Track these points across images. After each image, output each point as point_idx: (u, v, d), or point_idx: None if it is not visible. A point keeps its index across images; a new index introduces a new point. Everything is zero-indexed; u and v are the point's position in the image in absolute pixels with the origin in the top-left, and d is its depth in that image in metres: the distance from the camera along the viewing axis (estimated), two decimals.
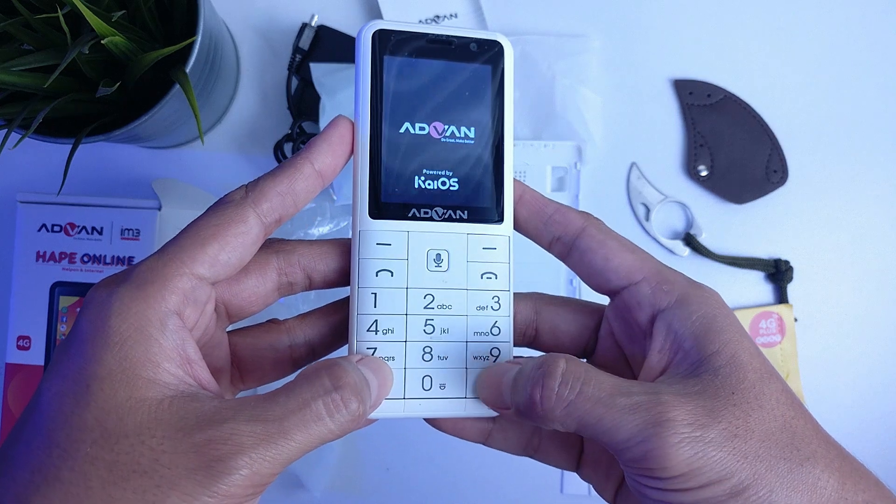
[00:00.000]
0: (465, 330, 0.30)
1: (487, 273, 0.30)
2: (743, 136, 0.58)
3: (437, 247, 0.30)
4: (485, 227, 0.30)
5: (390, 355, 0.29)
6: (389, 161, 0.29)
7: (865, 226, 0.59)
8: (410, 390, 0.29)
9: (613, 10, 0.59)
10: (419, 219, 0.29)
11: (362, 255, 0.29)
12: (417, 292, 0.29)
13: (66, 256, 0.51)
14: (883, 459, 0.58)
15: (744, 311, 0.57)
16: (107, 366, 0.22)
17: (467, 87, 0.31)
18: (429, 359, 0.29)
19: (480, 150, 0.31)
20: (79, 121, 0.45)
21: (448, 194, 0.30)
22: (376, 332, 0.29)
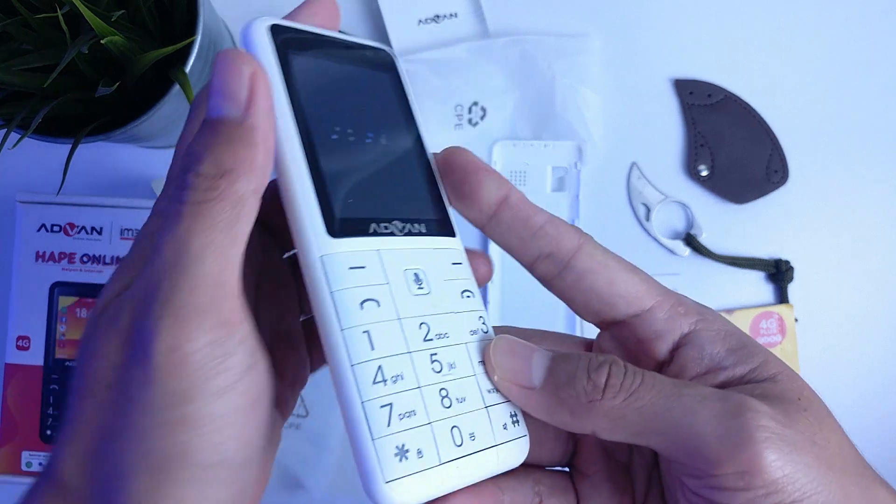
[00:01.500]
0: (469, 360, 0.24)
1: (466, 291, 0.26)
2: (743, 136, 0.58)
3: (412, 266, 0.25)
4: (445, 240, 0.26)
5: (410, 409, 0.22)
6: (331, 169, 0.24)
7: (866, 226, 0.59)
8: (444, 450, 0.22)
9: (614, 9, 0.59)
10: (382, 234, 0.24)
11: (336, 286, 0.22)
12: (411, 322, 0.23)
13: (66, 256, 0.51)
14: (883, 460, 0.57)
15: (744, 311, 0.57)
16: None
17: (377, 93, 0.27)
18: (448, 404, 0.23)
19: (414, 159, 0.27)
20: (78, 121, 0.45)
21: (399, 205, 0.25)
22: (384, 381, 0.22)
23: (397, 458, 0.22)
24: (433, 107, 0.57)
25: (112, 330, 0.22)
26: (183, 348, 0.20)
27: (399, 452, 0.22)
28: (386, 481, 0.21)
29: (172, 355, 0.20)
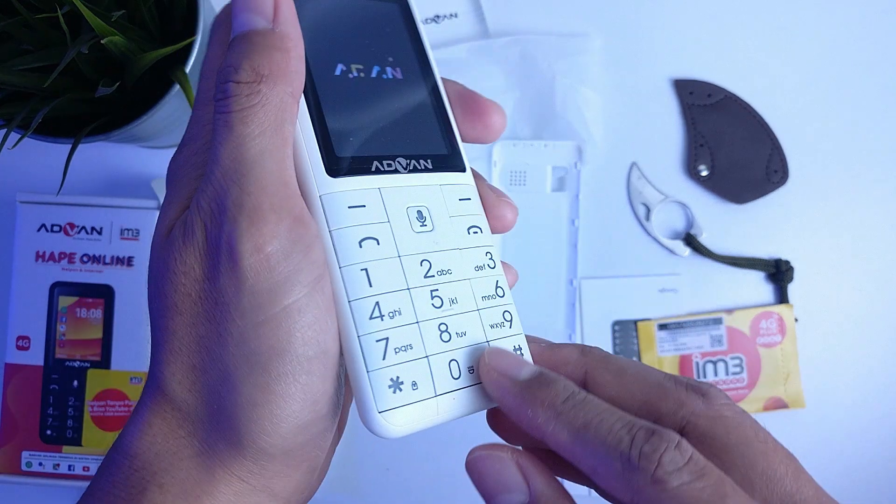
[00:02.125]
0: (472, 296, 0.25)
1: (473, 227, 0.26)
2: (743, 135, 0.58)
3: (414, 203, 0.25)
4: (453, 175, 0.26)
5: (406, 343, 0.23)
6: (333, 107, 0.24)
7: (866, 226, 0.59)
8: (440, 383, 0.23)
9: (614, 9, 0.59)
10: (384, 172, 0.24)
11: (334, 225, 0.23)
12: (412, 260, 0.24)
13: (66, 256, 0.51)
14: (883, 460, 0.58)
15: (744, 311, 0.57)
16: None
17: (384, 24, 0.27)
18: (448, 338, 0.24)
19: (421, 92, 0.26)
20: (78, 121, 0.45)
21: (405, 141, 0.25)
22: (381, 317, 0.23)
23: (391, 389, 0.22)
24: None
25: (188, 246, 0.22)
26: (267, 247, 0.21)
27: (393, 384, 0.23)
28: (379, 411, 0.22)
29: (259, 255, 0.21)
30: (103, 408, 0.51)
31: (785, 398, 0.57)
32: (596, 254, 0.58)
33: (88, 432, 0.50)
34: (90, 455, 0.51)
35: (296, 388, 0.22)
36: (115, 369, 0.51)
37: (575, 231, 0.57)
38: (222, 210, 0.22)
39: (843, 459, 0.57)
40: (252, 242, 0.21)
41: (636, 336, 0.57)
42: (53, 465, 0.50)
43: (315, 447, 0.24)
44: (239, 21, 0.23)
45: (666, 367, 0.57)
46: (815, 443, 0.57)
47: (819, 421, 0.57)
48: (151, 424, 0.23)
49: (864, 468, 0.57)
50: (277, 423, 0.22)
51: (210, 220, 0.22)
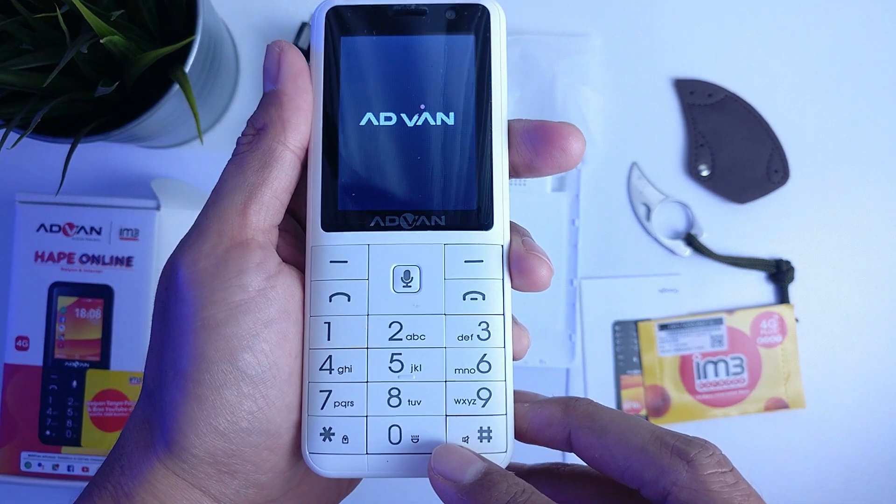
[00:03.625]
0: (442, 366, 0.24)
1: (472, 293, 0.24)
2: (744, 135, 0.58)
3: (405, 262, 0.24)
4: (468, 234, 0.25)
5: (348, 400, 0.24)
6: (348, 160, 0.25)
7: (867, 226, 0.59)
8: (373, 444, 0.24)
9: (614, 9, 0.59)
10: (384, 228, 0.24)
11: (314, 277, 0.24)
12: (380, 320, 0.24)
13: (65, 256, 0.51)
14: (884, 460, 0.57)
15: (745, 311, 0.57)
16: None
17: (444, 63, 0.25)
18: (396, 403, 0.24)
19: (462, 139, 0.25)
20: (77, 120, 0.45)
21: (421, 196, 0.25)
22: (330, 370, 0.24)
23: (322, 437, 0.24)
24: None
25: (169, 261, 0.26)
26: (199, 262, 0.24)
27: (325, 434, 0.24)
28: (309, 452, 0.24)
29: (192, 268, 0.24)
30: (102, 408, 0.51)
31: (786, 398, 0.57)
32: (596, 254, 0.58)
33: (88, 433, 0.50)
34: (89, 455, 0.50)
35: (215, 398, 0.23)
36: (115, 369, 0.50)
37: (575, 231, 0.57)
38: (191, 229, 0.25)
39: (844, 460, 0.57)
40: (188, 257, 0.24)
41: (637, 336, 0.57)
42: (53, 465, 0.50)
43: (246, 461, 0.24)
44: (263, 87, 0.26)
45: (666, 367, 0.57)
46: (815, 443, 0.57)
47: (820, 421, 0.57)
48: (135, 415, 0.26)
49: (865, 468, 0.57)
50: (196, 426, 0.23)
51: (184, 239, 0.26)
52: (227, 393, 0.23)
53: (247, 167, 0.25)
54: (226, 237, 0.24)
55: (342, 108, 0.25)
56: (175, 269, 0.24)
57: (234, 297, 0.24)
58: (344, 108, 0.25)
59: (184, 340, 0.24)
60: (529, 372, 0.57)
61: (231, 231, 0.24)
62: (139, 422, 0.25)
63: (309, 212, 0.25)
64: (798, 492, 0.56)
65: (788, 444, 0.57)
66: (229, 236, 0.24)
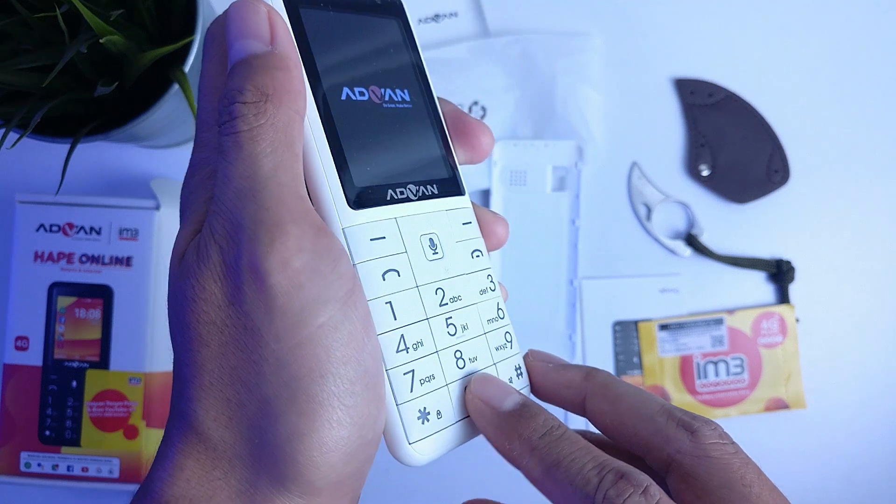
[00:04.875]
0: (479, 320, 0.26)
1: (476, 251, 0.26)
2: (744, 135, 0.58)
3: (426, 231, 0.25)
4: (456, 200, 0.26)
5: (430, 374, 0.24)
6: (346, 135, 0.23)
7: (867, 226, 0.58)
8: (459, 409, 0.24)
9: (615, 8, 0.59)
10: (398, 201, 0.24)
11: (358, 258, 0.23)
12: (428, 289, 0.24)
13: (65, 256, 0.51)
14: (884, 460, 0.57)
15: (745, 311, 0.57)
16: None
17: (385, 42, 0.26)
18: (462, 365, 0.25)
19: (422, 115, 0.26)
20: (77, 120, 0.45)
21: (413, 167, 0.25)
22: (406, 349, 0.23)
23: (420, 420, 0.23)
24: None
25: (204, 270, 0.21)
26: (294, 262, 0.20)
27: (421, 415, 0.23)
28: (410, 442, 0.23)
29: (286, 271, 0.20)
30: (102, 408, 0.50)
31: (786, 399, 0.57)
32: (596, 254, 0.58)
33: (87, 433, 0.50)
34: (89, 456, 0.50)
35: (343, 413, 0.21)
36: (114, 370, 0.50)
37: (575, 231, 0.57)
38: (238, 229, 0.21)
39: (845, 460, 0.57)
40: (277, 258, 0.20)
41: (637, 336, 0.57)
42: (52, 465, 0.50)
43: (361, 476, 0.23)
44: (236, 48, 0.23)
45: (667, 367, 0.57)
46: (816, 443, 0.57)
47: (820, 421, 0.57)
48: (183, 468, 0.21)
49: (865, 468, 0.57)
50: (327, 453, 0.21)
51: (226, 241, 0.21)
52: (352, 404, 0.21)
53: (275, 143, 0.21)
54: (304, 225, 0.21)
55: (323, 81, 0.23)
56: (260, 278, 0.20)
57: (340, 292, 0.21)
58: (324, 81, 0.24)
59: (287, 360, 0.20)
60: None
61: (300, 217, 0.21)
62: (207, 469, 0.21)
63: (322, 191, 0.23)
64: (798, 492, 0.56)
65: (789, 444, 0.57)
66: (306, 223, 0.21)
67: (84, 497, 0.54)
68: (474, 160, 0.28)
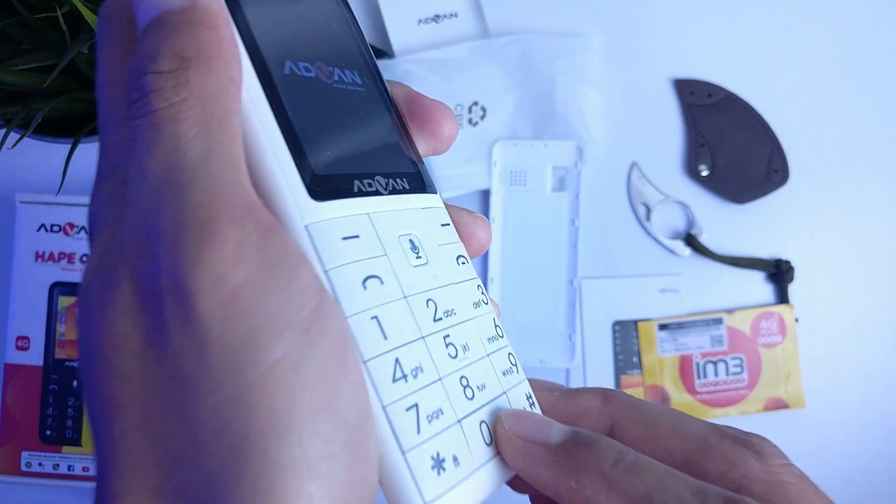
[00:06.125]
0: (479, 339, 0.21)
1: (460, 257, 0.22)
2: (744, 135, 0.58)
3: (404, 231, 0.20)
4: (429, 198, 0.22)
5: (436, 408, 0.18)
6: (297, 113, 0.18)
7: (867, 226, 0.59)
8: (479, 452, 0.19)
9: (614, 8, 0.59)
10: (367, 194, 0.19)
11: (330, 263, 0.17)
12: (418, 301, 0.19)
13: (66, 256, 0.51)
14: (884, 460, 0.57)
15: (745, 311, 0.57)
16: None
17: (328, 19, 0.22)
18: (471, 395, 0.19)
19: (376, 100, 0.22)
20: (78, 120, 0.45)
21: (376, 158, 0.20)
22: (405, 377, 0.18)
23: (435, 471, 0.18)
24: None
25: (112, 305, 0.16)
26: (231, 276, 0.15)
27: (436, 464, 0.18)
28: (426, 502, 0.17)
29: (221, 291, 0.15)
30: None
31: (785, 398, 0.57)
32: (596, 254, 0.58)
33: (88, 433, 0.50)
34: (90, 455, 0.50)
35: (317, 486, 0.15)
36: None
37: (575, 231, 0.57)
38: (155, 239, 0.15)
39: (844, 460, 0.57)
40: (208, 274, 0.15)
41: (636, 336, 0.57)
42: (53, 465, 0.50)
43: None
44: (145, 7, 0.17)
45: (666, 367, 0.57)
46: (815, 443, 0.57)
47: (820, 421, 0.57)
48: None
49: (865, 468, 0.57)
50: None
51: (139, 257, 0.16)
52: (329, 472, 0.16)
53: (204, 120, 0.16)
54: (246, 225, 0.16)
55: (261, 50, 0.19)
56: (186, 302, 0.15)
57: (301, 313, 0.16)
58: (262, 49, 0.19)
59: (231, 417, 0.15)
60: (529, 372, 0.57)
61: (241, 214, 0.16)
62: None
63: (273, 179, 0.18)
64: None
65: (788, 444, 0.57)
66: (250, 222, 0.16)
67: (85, 497, 0.54)
68: (438, 149, 0.23)
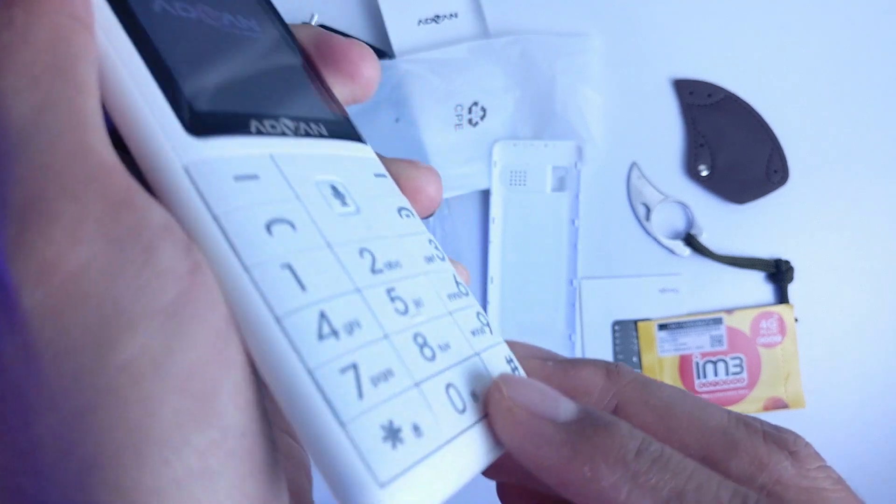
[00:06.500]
0: (436, 294, 0.17)
1: (403, 209, 0.19)
2: (743, 135, 0.58)
3: (324, 176, 0.17)
4: (355, 146, 0.19)
5: (384, 368, 0.15)
6: (170, 51, 0.15)
7: (866, 225, 0.59)
8: (446, 421, 0.15)
9: (614, 9, 0.59)
10: (269, 134, 0.16)
11: (220, 206, 0.14)
12: (348, 250, 0.16)
13: None
14: (884, 460, 0.57)
15: (744, 311, 0.57)
16: None
17: None
18: (430, 354, 0.16)
19: (279, 43, 0.19)
20: None
21: (281, 100, 0.17)
22: (335, 333, 0.14)
23: (388, 443, 0.14)
24: (433, 107, 0.57)
25: None
26: (64, 262, 0.12)
27: (389, 434, 0.14)
28: (381, 484, 0.13)
29: (51, 280, 0.12)
30: None
31: (785, 398, 0.57)
32: (596, 254, 0.58)
33: None
34: None
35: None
36: None
37: (575, 231, 0.57)
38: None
39: (844, 460, 0.57)
40: (35, 261, 0.12)
41: (636, 336, 0.57)
42: None
43: None
44: None
45: (666, 367, 0.57)
46: (815, 443, 0.57)
47: (819, 421, 0.57)
48: None
49: (865, 468, 0.57)
50: None
51: None
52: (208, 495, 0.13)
53: (35, 69, 0.13)
54: (87, 197, 0.13)
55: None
56: (9, 299, 0.12)
57: (164, 297, 0.13)
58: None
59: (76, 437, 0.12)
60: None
61: (82, 183, 0.13)
62: None
63: (141, 120, 0.14)
64: None
65: None
66: (92, 192, 0.13)
67: None
68: (358, 96, 0.20)
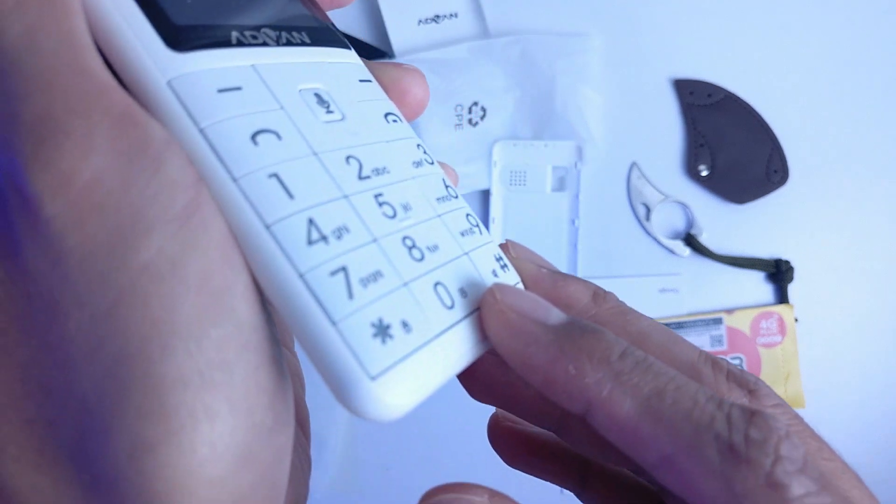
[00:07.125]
0: (424, 198, 0.18)
1: (390, 114, 0.19)
2: (744, 135, 0.58)
3: (307, 84, 0.17)
4: (339, 52, 0.19)
5: (373, 270, 0.16)
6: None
7: (866, 225, 0.59)
8: (436, 317, 0.16)
9: (614, 9, 0.59)
10: (249, 44, 0.16)
11: (206, 120, 0.15)
12: (334, 158, 0.17)
13: None
14: (884, 460, 0.57)
15: (744, 311, 0.57)
16: None
17: None
18: (419, 255, 0.17)
19: None
20: None
21: (261, 10, 0.18)
22: (324, 238, 0.15)
23: (378, 339, 0.15)
24: (433, 107, 0.57)
25: None
26: (79, 173, 0.13)
27: (379, 331, 0.15)
28: (372, 377, 0.14)
29: (70, 191, 0.13)
30: None
31: (785, 398, 0.57)
32: (596, 254, 0.58)
33: None
34: None
35: (214, 397, 0.13)
36: None
37: (575, 231, 0.57)
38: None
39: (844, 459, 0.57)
40: (52, 174, 0.13)
41: None
42: None
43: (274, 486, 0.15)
44: None
45: None
46: None
47: (820, 421, 0.57)
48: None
49: (865, 468, 0.57)
50: (199, 466, 0.13)
51: None
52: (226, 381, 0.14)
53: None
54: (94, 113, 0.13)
55: None
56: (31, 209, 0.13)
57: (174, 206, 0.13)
58: None
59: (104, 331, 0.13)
60: None
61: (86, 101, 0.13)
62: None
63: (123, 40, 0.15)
64: None
65: None
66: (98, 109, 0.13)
67: None
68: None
